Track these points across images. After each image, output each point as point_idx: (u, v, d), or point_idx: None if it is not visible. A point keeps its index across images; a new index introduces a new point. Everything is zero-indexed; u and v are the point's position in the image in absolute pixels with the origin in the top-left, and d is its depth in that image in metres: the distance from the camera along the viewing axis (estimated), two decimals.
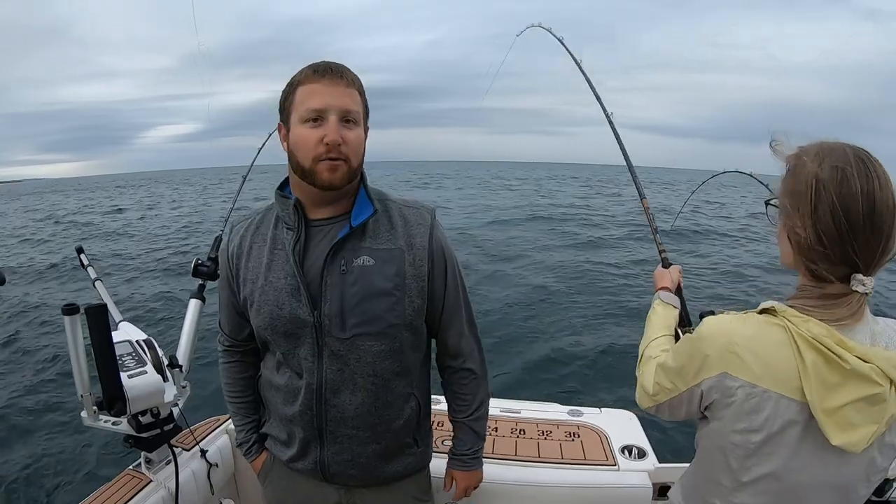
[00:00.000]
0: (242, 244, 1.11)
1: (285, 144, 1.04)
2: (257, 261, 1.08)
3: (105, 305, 1.25)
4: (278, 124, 1.06)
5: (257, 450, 1.25)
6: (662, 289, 1.24)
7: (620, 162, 1.61)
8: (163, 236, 13.75)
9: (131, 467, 1.56)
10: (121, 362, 1.32)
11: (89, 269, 1.84)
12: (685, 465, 1.07)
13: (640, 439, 1.76)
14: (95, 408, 1.31)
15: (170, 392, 1.41)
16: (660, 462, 1.65)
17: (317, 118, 0.97)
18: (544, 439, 1.76)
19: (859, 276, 0.78)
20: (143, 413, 1.37)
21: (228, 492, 1.80)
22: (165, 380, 1.40)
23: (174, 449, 1.48)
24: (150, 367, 1.36)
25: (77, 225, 17.29)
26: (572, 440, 1.76)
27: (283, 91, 1.03)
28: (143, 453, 1.52)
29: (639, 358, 1.09)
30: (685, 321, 1.24)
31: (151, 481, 1.49)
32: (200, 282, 1.73)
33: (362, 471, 1.13)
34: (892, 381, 0.75)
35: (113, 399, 1.24)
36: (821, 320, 0.78)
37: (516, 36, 1.92)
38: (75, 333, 1.19)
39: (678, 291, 1.27)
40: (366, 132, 1.05)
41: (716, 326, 0.85)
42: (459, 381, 1.22)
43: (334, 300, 1.02)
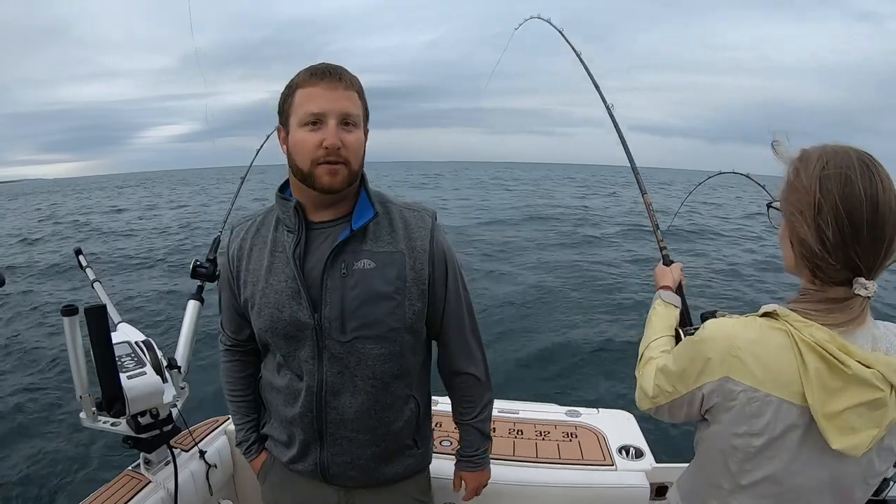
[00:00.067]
0: (243, 246, 1.11)
1: (285, 147, 1.03)
2: (258, 263, 1.08)
3: (104, 306, 1.25)
4: (277, 127, 1.05)
5: (257, 449, 1.25)
6: (663, 288, 1.23)
7: (618, 162, 1.60)
8: (162, 236, 13.72)
9: (130, 468, 1.56)
10: (120, 363, 1.32)
11: (88, 271, 1.83)
12: (682, 465, 1.07)
13: (638, 439, 1.76)
14: (94, 409, 1.31)
15: (169, 393, 1.41)
16: (657, 462, 1.65)
17: (315, 122, 0.97)
18: (542, 440, 1.77)
19: (861, 279, 0.77)
20: (143, 414, 1.37)
21: (227, 492, 1.80)
22: (164, 381, 1.40)
23: (173, 450, 1.47)
24: (149, 368, 1.36)
25: (77, 225, 17.23)
26: (570, 440, 1.76)
27: (282, 94, 1.02)
28: (142, 454, 1.52)
29: (639, 358, 1.09)
30: (686, 320, 1.22)
31: (150, 482, 1.49)
32: (199, 283, 1.73)
33: (362, 472, 1.13)
34: (892, 386, 0.75)
35: (112, 400, 1.24)
36: (823, 324, 0.77)
37: (514, 29, 1.91)
38: (74, 334, 1.19)
39: (679, 290, 1.25)
40: (366, 134, 1.05)
41: (718, 330, 0.84)
42: (462, 385, 1.21)
43: (335, 303, 1.02)
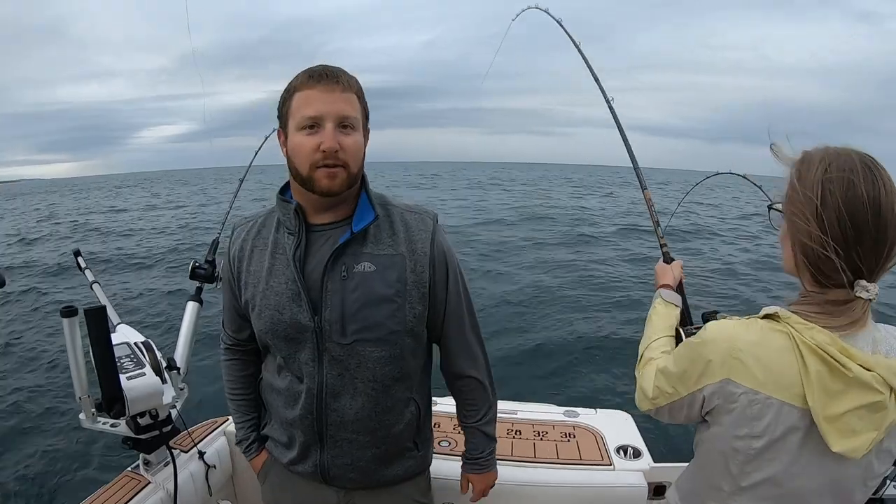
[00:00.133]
0: (244, 247, 1.11)
1: (284, 150, 1.03)
2: (259, 265, 1.08)
3: (104, 307, 1.25)
4: (277, 130, 1.05)
5: (256, 448, 1.25)
6: (664, 286, 1.21)
7: (615, 162, 1.59)
8: (161, 236, 13.67)
9: (130, 469, 1.56)
10: (119, 364, 1.31)
11: (87, 272, 1.83)
12: (680, 465, 1.07)
13: (636, 439, 1.77)
14: (94, 409, 1.31)
15: (168, 394, 1.41)
16: (655, 462, 1.66)
17: (313, 125, 0.96)
18: (540, 440, 1.77)
19: (863, 282, 0.77)
20: (142, 415, 1.37)
21: (226, 493, 1.80)
22: (164, 382, 1.40)
23: (172, 451, 1.47)
24: (148, 369, 1.36)
25: (75, 225, 17.17)
26: (568, 441, 1.77)
27: (281, 97, 1.02)
28: (141, 455, 1.52)
29: (638, 358, 1.08)
30: (687, 319, 1.21)
31: (150, 483, 1.49)
32: (198, 284, 1.73)
33: (362, 474, 1.13)
34: (892, 389, 0.76)
35: (112, 400, 1.24)
36: (824, 327, 0.77)
37: (512, 20, 1.88)
38: (74, 335, 1.20)
39: (680, 288, 1.24)
40: (366, 135, 1.05)
41: (719, 332, 0.84)
42: (465, 388, 1.21)
43: (335, 306, 1.02)
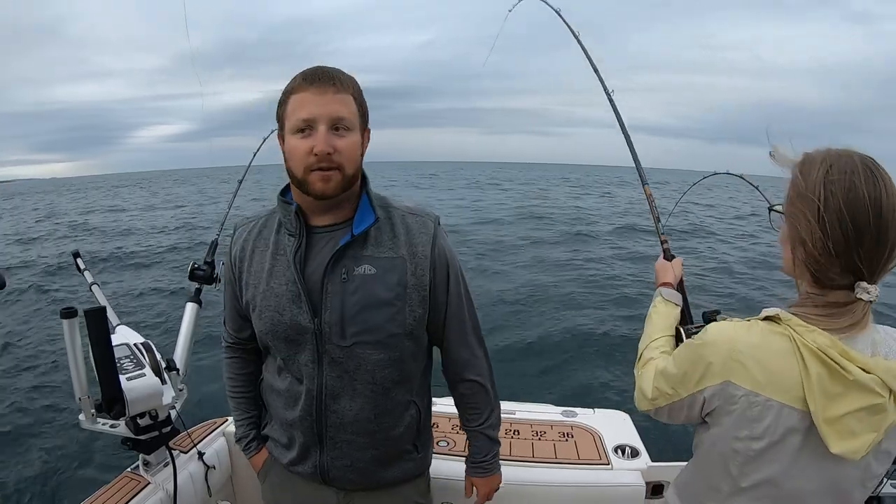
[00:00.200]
0: (245, 248, 1.11)
1: (283, 153, 1.03)
2: (259, 266, 1.08)
3: (104, 308, 1.25)
4: (278, 134, 1.05)
5: (255, 446, 1.26)
6: (664, 284, 1.20)
7: (613, 162, 1.58)
8: (161, 236, 13.65)
9: (129, 470, 1.56)
10: (119, 365, 1.31)
11: (86, 273, 1.82)
12: (678, 464, 1.07)
13: (633, 439, 1.78)
14: (94, 410, 1.31)
15: (168, 395, 1.41)
16: (653, 461, 1.66)
17: (305, 128, 0.96)
18: (538, 440, 1.78)
19: (864, 283, 0.77)
20: (142, 416, 1.37)
21: (226, 494, 1.80)
22: (163, 383, 1.40)
23: (172, 451, 1.47)
24: (148, 370, 1.36)
25: (74, 225, 17.13)
26: (566, 440, 1.77)
27: (279, 100, 1.02)
28: (140, 456, 1.52)
29: (638, 357, 1.08)
30: (687, 318, 1.20)
31: (150, 483, 1.50)
32: (197, 286, 1.74)
33: (361, 475, 1.13)
34: (891, 391, 0.76)
35: (112, 401, 1.24)
36: (825, 329, 0.77)
37: (509, 11, 1.86)
38: (74, 336, 1.20)
39: (680, 286, 1.22)
40: (365, 136, 1.04)
41: (719, 333, 0.84)
42: (467, 391, 1.20)
43: (335, 308, 1.02)
